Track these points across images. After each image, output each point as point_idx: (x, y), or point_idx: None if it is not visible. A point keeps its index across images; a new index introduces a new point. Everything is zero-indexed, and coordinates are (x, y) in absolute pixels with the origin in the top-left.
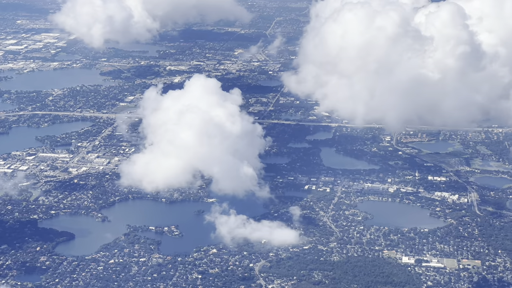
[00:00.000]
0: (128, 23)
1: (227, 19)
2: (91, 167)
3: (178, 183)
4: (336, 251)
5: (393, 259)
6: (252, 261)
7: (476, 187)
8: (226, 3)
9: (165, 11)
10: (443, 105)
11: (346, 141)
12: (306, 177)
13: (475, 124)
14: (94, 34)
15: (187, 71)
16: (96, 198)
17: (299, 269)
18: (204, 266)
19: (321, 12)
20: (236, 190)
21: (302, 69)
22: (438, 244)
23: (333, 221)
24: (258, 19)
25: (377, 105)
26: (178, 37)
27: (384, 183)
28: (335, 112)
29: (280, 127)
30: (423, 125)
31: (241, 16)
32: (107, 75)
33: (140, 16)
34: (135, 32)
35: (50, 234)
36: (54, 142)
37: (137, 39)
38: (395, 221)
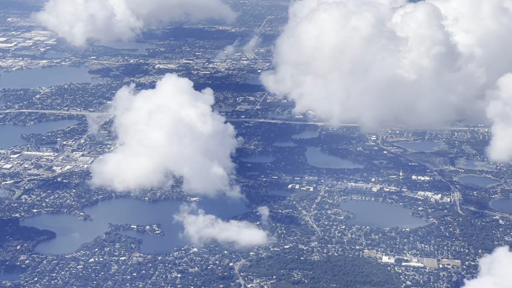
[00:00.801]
0: (110, 21)
1: (212, 17)
2: (75, 166)
3: (149, 182)
4: (317, 250)
5: (373, 258)
6: (233, 260)
7: (459, 187)
8: (210, 1)
9: (149, 10)
10: (418, 105)
11: (331, 140)
12: (290, 176)
13: (449, 124)
14: (76, 33)
15: (176, 69)
16: (79, 196)
17: (279, 268)
18: (184, 265)
19: (299, 11)
20: (207, 190)
21: (280, 68)
22: (419, 244)
23: (315, 221)
24: (249, 17)
25: (352, 105)
26: (168, 35)
27: (368, 182)
28: (311, 112)
29: (266, 126)
30: (399, 125)
31: (225, 15)
32: (95, 73)
33: (123, 14)
34: (117, 30)
35: (31, 232)
36: (40, 140)
37: (120, 37)
38: (377, 220)
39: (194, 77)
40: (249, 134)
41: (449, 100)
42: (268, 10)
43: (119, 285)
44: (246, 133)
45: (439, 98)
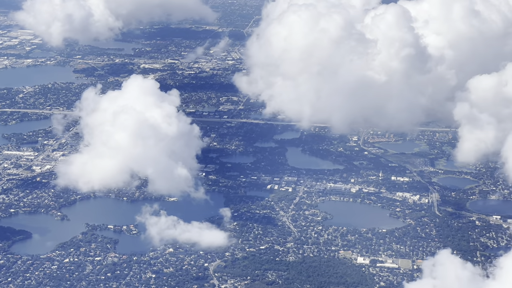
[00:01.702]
0: (88, 21)
1: (193, 18)
2: (55, 166)
3: (115, 183)
4: (293, 251)
5: (348, 259)
6: (208, 261)
7: (438, 188)
8: (191, 2)
9: (129, 10)
10: (388, 107)
11: (313, 140)
12: (270, 177)
13: (418, 126)
14: (53, 33)
15: (161, 69)
16: (57, 196)
17: (253, 269)
18: (159, 265)
19: (271, 12)
20: (171, 191)
21: (252, 70)
22: (395, 245)
23: (292, 221)
24: (236, 17)
25: (322, 106)
26: (155, 34)
27: (347, 183)
28: (282, 114)
29: (248, 126)
30: (369, 127)
31: (206, 15)
32: (80, 73)
33: (102, 14)
34: (95, 30)
35: (7, 232)
36: (21, 140)
37: (98, 37)
38: (354, 221)
39: (178, 77)
40: (231, 134)
41: (419, 102)
42: (256, 10)
43: (92, 286)
44: (227, 133)
45: (408, 100)
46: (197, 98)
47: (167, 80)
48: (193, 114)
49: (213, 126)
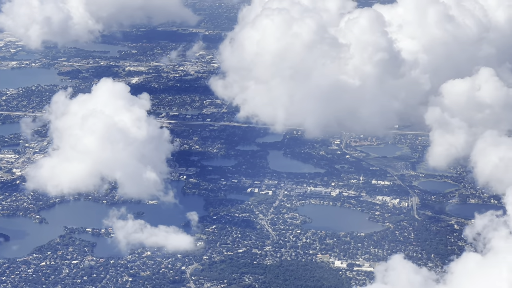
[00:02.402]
0: (67, 24)
1: (174, 21)
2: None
3: (84, 187)
4: (270, 254)
5: (326, 263)
6: (185, 264)
7: (418, 191)
8: (172, 5)
9: (110, 13)
10: (361, 111)
11: (295, 144)
12: (250, 180)
13: (392, 130)
14: (31, 35)
15: (146, 72)
16: (36, 199)
17: (230, 272)
18: (136, 268)
19: (247, 16)
20: (141, 194)
21: (227, 73)
22: (373, 249)
23: (271, 225)
24: (224, 20)
25: (296, 110)
26: (141, 37)
27: (328, 186)
28: (255, 117)
29: (231, 129)
30: (342, 131)
31: (187, 18)
32: (65, 75)
33: (82, 17)
34: (74, 33)
35: None
36: (2, 142)
37: (77, 40)
38: (333, 225)
39: (163, 80)
40: (213, 137)
41: (392, 106)
42: None
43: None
44: (210, 136)
45: (381, 104)
46: (181, 101)
47: (152, 83)
48: (176, 117)
49: (195, 129)
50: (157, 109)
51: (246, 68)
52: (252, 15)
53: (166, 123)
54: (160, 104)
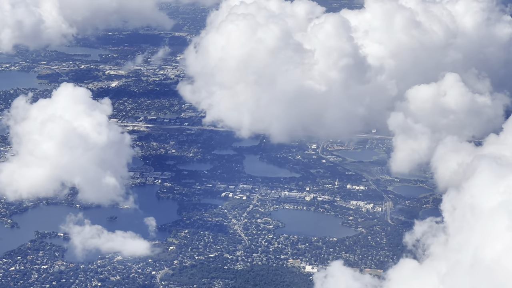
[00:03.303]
0: (38, 28)
1: (149, 25)
2: None
3: (44, 192)
4: (241, 259)
5: (297, 268)
6: (155, 269)
7: (392, 196)
8: (147, 9)
9: (85, 17)
10: (326, 116)
11: (271, 148)
12: (225, 184)
13: (356, 135)
14: (2, 39)
15: (126, 75)
16: (8, 203)
17: (200, 277)
18: (106, 273)
19: (215, 21)
20: (100, 199)
21: (195, 78)
22: (344, 253)
23: (244, 229)
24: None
25: (261, 115)
26: (123, 40)
27: (302, 191)
28: (221, 122)
29: (208, 133)
30: (308, 136)
31: (163, 22)
32: (44, 79)
33: (55, 21)
34: (46, 37)
35: None
36: None
37: (49, 44)
38: (306, 230)
39: (143, 84)
40: (190, 141)
41: (357, 112)
42: None
43: None
44: (187, 141)
45: (347, 109)
46: (159, 105)
47: (131, 87)
48: (154, 121)
49: (173, 133)
50: (135, 113)
51: (210, 73)
52: (220, 20)
53: (144, 127)
54: (139, 108)
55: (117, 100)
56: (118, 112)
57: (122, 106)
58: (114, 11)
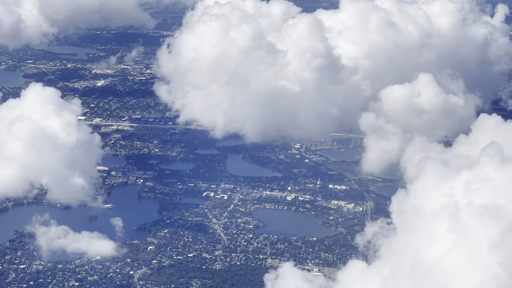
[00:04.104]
0: (18, 27)
1: (131, 24)
2: None
3: (13, 192)
4: (220, 259)
5: (275, 267)
6: (134, 269)
7: (374, 196)
8: (129, 8)
9: (66, 16)
10: (300, 117)
11: (255, 148)
12: (207, 184)
13: (329, 135)
14: None
15: (113, 74)
16: None
17: (178, 277)
18: (84, 273)
19: (190, 21)
20: (69, 200)
21: (170, 78)
22: (323, 253)
23: (224, 229)
24: None
25: (235, 115)
26: (111, 39)
27: (284, 191)
28: (195, 122)
29: (192, 133)
30: (282, 136)
31: (145, 22)
32: (30, 78)
33: (36, 20)
34: (26, 36)
35: None
36: None
37: (29, 43)
38: (286, 229)
39: (129, 83)
40: (174, 141)
41: (330, 112)
42: None
43: None
44: (170, 140)
45: (320, 110)
46: (145, 104)
47: (117, 86)
48: (139, 120)
49: (157, 133)
50: (120, 112)
51: (182, 73)
52: (194, 20)
53: (128, 126)
54: (124, 107)
55: (103, 99)
56: (103, 111)
57: (107, 106)
58: (95, 10)
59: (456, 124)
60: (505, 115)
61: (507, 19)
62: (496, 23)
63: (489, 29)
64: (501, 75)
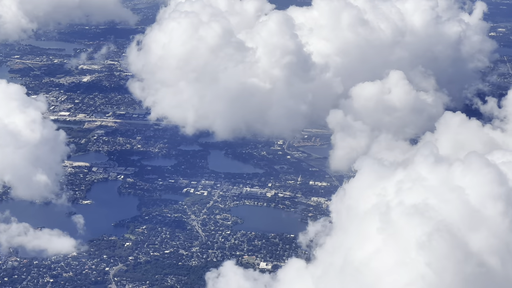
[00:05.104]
0: None
1: (113, 20)
2: None
3: None
4: (196, 255)
5: (251, 264)
6: (109, 265)
7: None
8: (111, 4)
9: (46, 12)
10: (269, 114)
11: (237, 144)
12: (187, 180)
13: (299, 132)
14: None
15: (99, 70)
16: None
17: (154, 273)
18: (59, 269)
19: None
20: (33, 197)
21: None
22: (300, 250)
23: (202, 225)
24: None
25: (205, 112)
26: (99, 35)
27: (264, 187)
28: (166, 119)
29: (175, 129)
30: (252, 133)
31: (126, 18)
32: (16, 73)
33: (14, 16)
34: (4, 32)
35: None
36: None
37: (7, 39)
38: (264, 226)
39: (115, 79)
40: (156, 137)
41: (300, 109)
42: None
43: None
44: (153, 136)
45: (289, 107)
46: (129, 100)
47: (103, 82)
48: (123, 116)
49: (140, 128)
50: (104, 108)
51: (151, 71)
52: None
53: (112, 122)
54: (108, 103)
55: (88, 95)
56: (88, 107)
57: (92, 101)
58: (76, 6)
59: (425, 122)
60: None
61: (485, 17)
62: (474, 20)
63: (462, 27)
64: (474, 73)
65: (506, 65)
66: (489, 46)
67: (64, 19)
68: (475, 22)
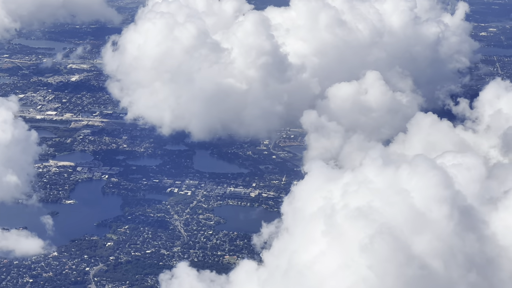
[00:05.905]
0: None
1: (98, 20)
2: None
3: None
4: (178, 255)
5: (232, 264)
6: (90, 265)
7: None
8: (96, 4)
9: (30, 11)
10: (245, 115)
11: (223, 144)
12: (171, 180)
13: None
14: None
15: (88, 69)
16: None
17: (134, 273)
18: (39, 269)
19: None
20: (3, 197)
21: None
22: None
23: (184, 225)
24: None
25: (181, 113)
26: (89, 34)
27: (248, 187)
28: (142, 119)
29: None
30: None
31: (111, 18)
32: (4, 72)
33: None
34: None
35: None
36: None
37: None
38: (247, 226)
39: (103, 78)
40: (143, 136)
41: (276, 110)
42: None
43: None
44: (140, 135)
45: (265, 107)
46: (117, 100)
47: (92, 81)
48: (110, 115)
49: (126, 128)
50: (92, 107)
51: (126, 71)
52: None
53: (98, 122)
54: (96, 103)
55: (75, 94)
56: (75, 106)
57: (80, 101)
58: (60, 5)
59: (400, 123)
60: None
61: (476, 17)
62: (455, 21)
63: (441, 27)
64: (453, 74)
65: (496, 65)
66: (469, 46)
67: (48, 19)
68: (456, 22)
